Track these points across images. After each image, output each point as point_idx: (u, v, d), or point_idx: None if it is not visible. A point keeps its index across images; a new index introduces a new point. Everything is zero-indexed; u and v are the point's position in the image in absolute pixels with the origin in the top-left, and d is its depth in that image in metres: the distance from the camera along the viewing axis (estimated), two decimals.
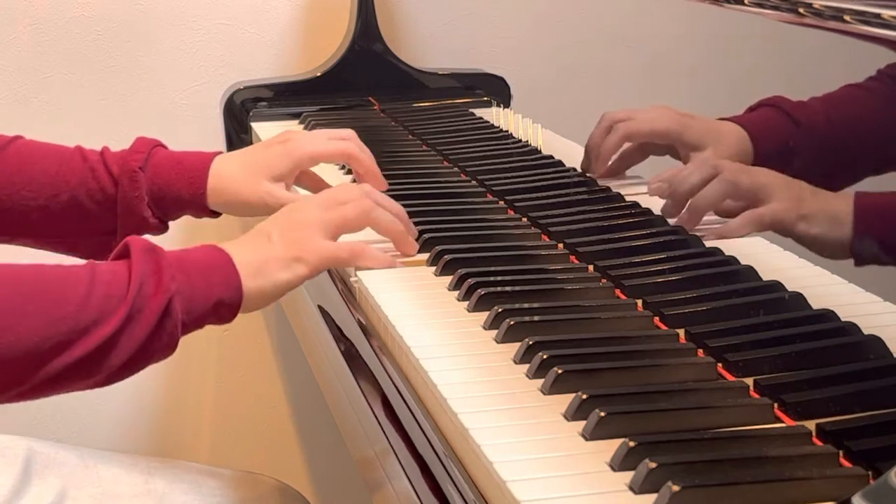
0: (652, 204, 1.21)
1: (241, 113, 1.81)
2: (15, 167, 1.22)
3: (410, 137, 1.62)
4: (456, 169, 1.44)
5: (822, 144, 1.04)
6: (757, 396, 0.83)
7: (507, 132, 1.57)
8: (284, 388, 2.07)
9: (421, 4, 1.92)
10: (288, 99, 1.82)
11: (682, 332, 0.94)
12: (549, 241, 1.17)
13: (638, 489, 0.71)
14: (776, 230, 1.06)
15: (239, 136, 1.80)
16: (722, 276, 1.03)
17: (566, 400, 0.82)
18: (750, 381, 0.85)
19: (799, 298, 0.97)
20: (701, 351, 0.90)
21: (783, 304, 0.97)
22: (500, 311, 0.97)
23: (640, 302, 1.00)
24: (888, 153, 0.94)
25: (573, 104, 1.54)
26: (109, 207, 1.22)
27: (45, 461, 1.20)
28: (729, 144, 1.13)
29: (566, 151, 1.40)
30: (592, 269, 1.08)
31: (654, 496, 0.70)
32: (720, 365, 0.88)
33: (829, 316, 0.93)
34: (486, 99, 1.80)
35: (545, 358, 0.87)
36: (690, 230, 1.14)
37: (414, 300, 1.03)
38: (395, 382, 0.95)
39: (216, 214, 1.24)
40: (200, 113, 1.91)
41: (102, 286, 0.94)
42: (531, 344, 0.90)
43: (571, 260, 1.11)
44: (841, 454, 0.74)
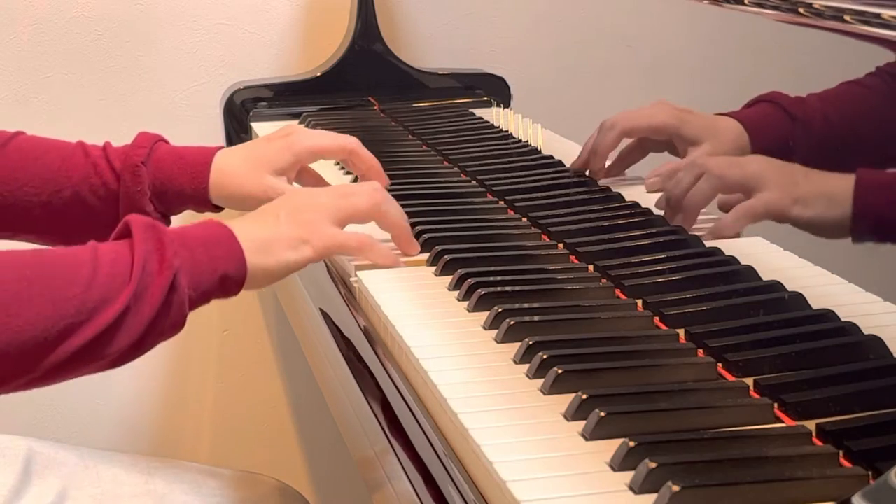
0: (652, 204, 1.21)
1: (241, 113, 1.81)
2: (17, 163, 1.21)
3: (410, 137, 1.62)
4: (456, 169, 1.44)
5: (819, 140, 1.04)
6: (757, 396, 0.83)
7: (507, 132, 1.57)
8: (284, 388, 2.07)
9: (421, 4, 1.92)
10: (288, 99, 1.82)
11: (682, 332, 0.94)
12: (549, 241, 1.17)
13: (638, 489, 0.71)
14: (772, 218, 1.06)
15: (239, 136, 1.79)
16: (722, 276, 1.03)
17: (566, 400, 0.82)
18: (750, 381, 0.85)
19: (799, 298, 0.97)
20: (701, 351, 0.90)
21: (783, 304, 0.97)
22: (500, 311, 0.97)
23: (640, 302, 1.00)
24: (886, 150, 0.94)
25: (573, 104, 1.54)
26: (112, 202, 1.21)
27: (45, 461, 1.20)
28: (726, 140, 1.13)
29: (566, 151, 1.40)
30: (592, 269, 1.08)
31: (654, 496, 0.70)
32: (720, 365, 0.88)
33: (829, 316, 0.93)
34: (486, 99, 1.79)
35: (545, 358, 0.87)
36: (689, 230, 1.14)
37: (414, 300, 1.03)
38: (395, 382, 0.95)
39: (218, 209, 1.24)
40: (200, 113, 1.91)
41: (106, 266, 0.93)
42: (531, 344, 0.90)
43: (571, 260, 1.11)
44: (841, 454, 0.74)
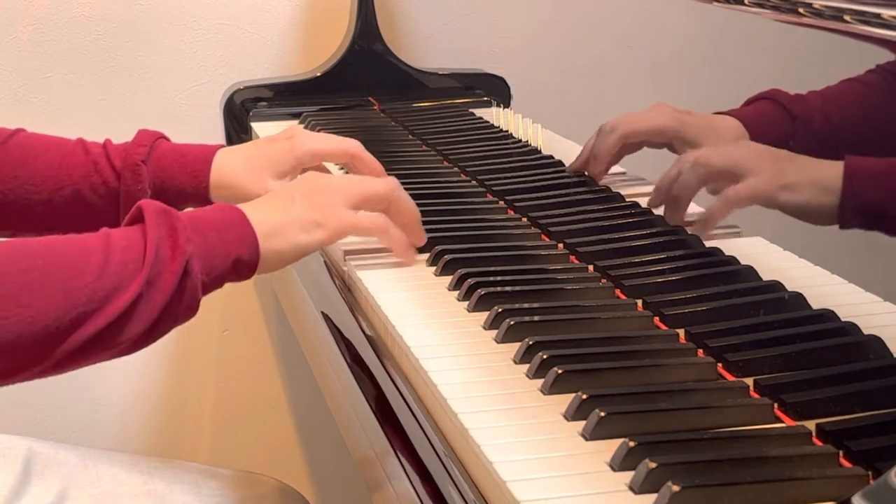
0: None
1: (241, 113, 1.81)
2: (18, 161, 1.21)
3: (410, 137, 1.62)
4: (456, 169, 1.44)
5: (819, 138, 1.04)
6: (757, 396, 0.83)
7: (507, 132, 1.57)
8: (284, 388, 2.07)
9: (421, 4, 1.92)
10: (288, 99, 1.82)
11: (682, 332, 0.94)
12: (549, 241, 1.17)
13: (638, 489, 0.71)
14: (759, 203, 1.05)
15: (239, 136, 1.79)
16: (722, 276, 1.03)
17: (566, 400, 0.82)
18: (750, 381, 0.85)
19: (799, 298, 0.97)
20: (701, 351, 0.90)
21: (783, 304, 0.97)
22: (500, 311, 0.97)
23: (640, 302, 1.00)
24: (887, 148, 0.94)
25: (573, 104, 1.54)
26: (112, 200, 1.21)
27: (45, 461, 1.20)
28: (727, 139, 1.13)
29: (566, 151, 1.40)
30: (592, 269, 1.08)
31: (654, 496, 0.70)
32: (720, 365, 0.88)
33: (829, 316, 0.93)
34: (486, 99, 1.80)
35: (545, 358, 0.87)
36: (677, 223, 1.13)
37: (414, 300, 1.04)
38: (395, 382, 0.95)
39: None
40: (200, 113, 1.91)
41: (118, 253, 0.93)
42: (531, 344, 0.90)
43: (571, 260, 1.11)
44: (841, 454, 0.74)
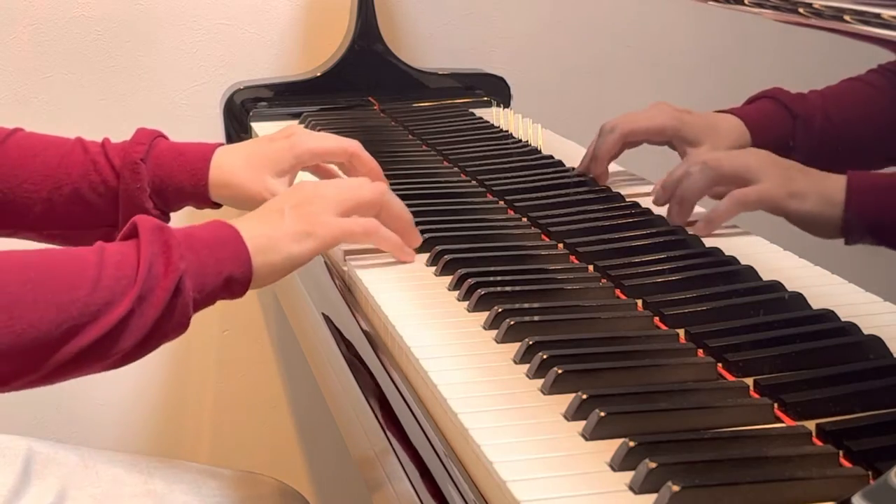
0: (652, 204, 1.21)
1: (241, 113, 1.81)
2: (16, 160, 1.21)
3: (410, 137, 1.62)
4: (456, 169, 1.44)
5: (820, 137, 1.04)
6: (757, 396, 0.83)
7: (507, 132, 1.57)
8: (284, 388, 2.07)
9: (421, 4, 1.92)
10: (288, 99, 1.82)
11: (682, 332, 0.94)
12: (549, 241, 1.17)
13: (638, 489, 0.71)
14: (765, 209, 1.05)
15: (239, 135, 1.79)
16: (722, 276, 1.03)
17: (566, 400, 0.82)
18: (750, 381, 0.85)
19: (799, 298, 0.97)
20: (701, 351, 0.90)
21: (783, 304, 0.97)
22: (500, 311, 0.97)
23: (640, 302, 1.00)
24: (887, 147, 0.94)
25: (573, 104, 1.54)
26: (111, 200, 1.21)
27: (45, 461, 1.20)
28: (727, 138, 1.13)
29: (566, 151, 1.40)
30: (592, 269, 1.08)
31: (654, 496, 0.70)
32: (720, 365, 0.88)
33: (829, 316, 0.93)
34: (486, 99, 1.79)
35: (545, 358, 0.87)
36: (682, 223, 1.13)
37: (414, 300, 1.03)
38: (395, 382, 0.95)
39: (218, 206, 1.24)
40: (200, 113, 1.91)
41: (112, 268, 0.93)
42: (531, 344, 0.90)
43: (571, 260, 1.11)
44: (841, 454, 0.74)
